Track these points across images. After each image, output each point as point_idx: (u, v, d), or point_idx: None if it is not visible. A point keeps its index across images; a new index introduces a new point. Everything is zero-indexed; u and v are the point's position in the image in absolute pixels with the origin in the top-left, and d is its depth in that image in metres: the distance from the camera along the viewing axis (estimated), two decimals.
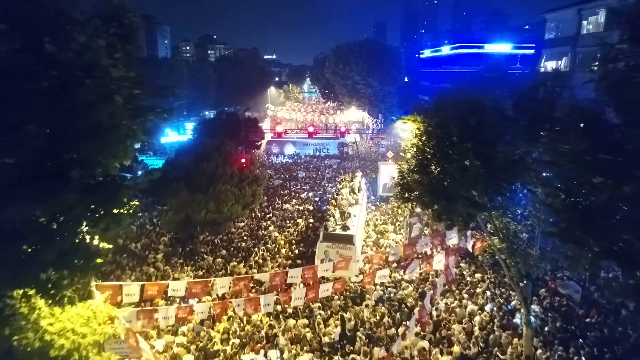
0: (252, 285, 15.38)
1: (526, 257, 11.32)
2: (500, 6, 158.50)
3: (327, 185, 29.66)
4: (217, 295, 10.91)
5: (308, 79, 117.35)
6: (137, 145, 8.15)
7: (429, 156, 10.98)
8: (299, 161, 39.37)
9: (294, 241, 19.36)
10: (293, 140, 42.93)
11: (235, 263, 16.93)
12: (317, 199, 26.27)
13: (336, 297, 13.96)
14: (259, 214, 22.82)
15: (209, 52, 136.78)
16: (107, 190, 5.67)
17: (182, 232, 18.14)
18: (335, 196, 19.98)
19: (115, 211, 6.46)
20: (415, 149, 12.52)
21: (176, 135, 37.59)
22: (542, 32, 59.02)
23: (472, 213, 9.85)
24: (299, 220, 22.13)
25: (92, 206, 5.66)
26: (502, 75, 33.34)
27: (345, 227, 16.45)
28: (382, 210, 24.05)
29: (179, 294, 10.36)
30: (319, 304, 13.50)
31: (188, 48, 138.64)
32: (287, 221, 22.04)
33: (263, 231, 20.59)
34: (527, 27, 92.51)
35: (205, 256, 17.67)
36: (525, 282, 11.69)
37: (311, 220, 22.02)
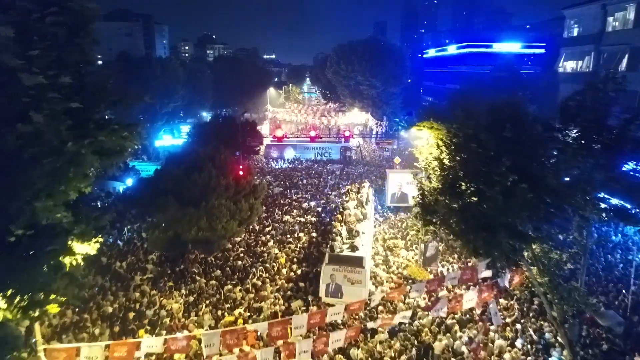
0: (248, 314, 13.71)
1: (571, 292, 9.56)
2: (502, 6, 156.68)
3: (330, 193, 27.78)
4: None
5: (308, 79, 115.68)
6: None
7: (460, 173, 9.15)
8: (299, 166, 37.47)
9: (295, 259, 17.58)
10: (293, 144, 41.15)
11: (230, 287, 15.19)
12: (319, 209, 24.43)
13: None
14: (257, 227, 20.97)
15: (208, 52, 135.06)
16: (27, 249, 3.90)
17: (171, 251, 16.36)
18: (342, 210, 18.11)
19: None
20: (437, 163, 10.73)
21: (170, 139, 35.79)
22: (547, 31, 57.42)
23: (516, 247, 8.03)
24: (301, 234, 20.34)
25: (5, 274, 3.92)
26: (516, 75, 31.60)
27: (353, 247, 14.65)
28: (390, 223, 22.22)
29: (157, 350, 8.60)
30: None
31: (187, 48, 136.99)
32: (288, 235, 20.22)
33: (261, 247, 18.78)
34: (527, 26, 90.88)
35: (198, 278, 15.88)
36: (571, 322, 9.95)
37: (314, 234, 20.22)
